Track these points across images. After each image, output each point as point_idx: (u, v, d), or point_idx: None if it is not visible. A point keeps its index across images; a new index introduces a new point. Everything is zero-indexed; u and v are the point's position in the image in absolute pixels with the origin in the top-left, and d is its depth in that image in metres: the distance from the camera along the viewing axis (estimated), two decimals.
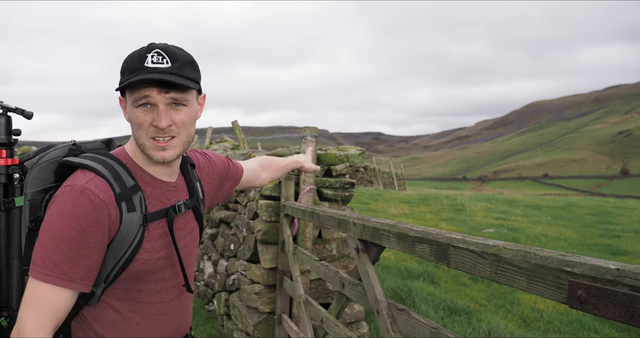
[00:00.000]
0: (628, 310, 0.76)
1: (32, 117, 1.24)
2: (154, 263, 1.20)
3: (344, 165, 3.60)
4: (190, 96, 1.16)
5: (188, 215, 1.32)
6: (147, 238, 1.18)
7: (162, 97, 1.11)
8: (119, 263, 1.14)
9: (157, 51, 1.11)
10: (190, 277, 1.34)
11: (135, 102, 1.12)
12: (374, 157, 33.37)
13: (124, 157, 1.21)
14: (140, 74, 1.08)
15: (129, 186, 1.14)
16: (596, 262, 0.85)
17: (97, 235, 1.09)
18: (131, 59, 1.11)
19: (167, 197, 1.24)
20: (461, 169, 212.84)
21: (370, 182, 22.83)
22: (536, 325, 4.50)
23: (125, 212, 1.13)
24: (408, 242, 1.44)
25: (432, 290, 5.14)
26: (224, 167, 1.56)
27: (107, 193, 1.10)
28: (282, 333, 3.28)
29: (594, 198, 22.14)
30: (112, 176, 1.13)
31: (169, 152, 1.15)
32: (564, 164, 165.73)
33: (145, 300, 1.22)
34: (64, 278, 1.06)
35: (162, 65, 1.09)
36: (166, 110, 1.12)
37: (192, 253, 1.35)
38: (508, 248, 1.06)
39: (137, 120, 1.13)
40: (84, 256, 1.08)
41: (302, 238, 3.19)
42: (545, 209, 13.59)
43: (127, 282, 1.19)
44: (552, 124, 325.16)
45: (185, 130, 1.17)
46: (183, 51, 1.16)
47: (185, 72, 1.13)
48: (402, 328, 1.56)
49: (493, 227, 9.65)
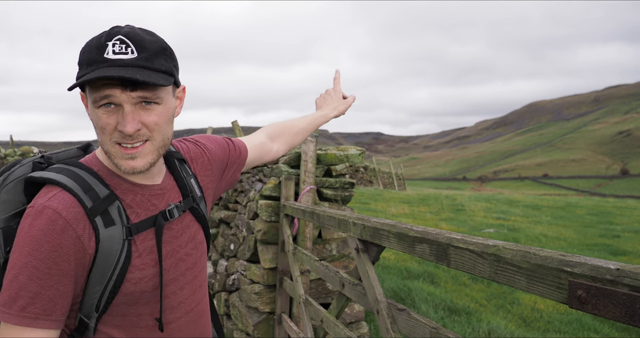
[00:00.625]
0: (628, 310, 0.76)
1: None
2: (148, 281, 1.02)
3: (344, 165, 3.60)
4: (163, 92, 0.96)
5: (186, 218, 1.13)
6: (136, 254, 1.00)
7: (128, 96, 0.91)
8: (107, 287, 0.97)
9: (120, 38, 0.90)
10: (195, 292, 1.16)
11: (96, 102, 0.92)
12: (374, 157, 33.38)
13: (95, 163, 1.03)
14: (97, 69, 0.88)
15: (103, 197, 0.97)
16: (596, 262, 0.85)
17: (60, 261, 0.91)
18: (89, 48, 0.91)
19: (152, 203, 1.05)
20: (461, 169, 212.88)
21: (370, 182, 22.84)
22: (536, 325, 4.50)
23: (102, 228, 0.95)
24: (408, 242, 1.44)
25: (432, 290, 5.14)
26: (222, 151, 1.31)
27: (73, 209, 0.93)
28: (282, 333, 3.28)
29: (593, 198, 22.15)
30: (82, 188, 0.95)
31: (139, 161, 0.96)
32: (564, 164, 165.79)
33: (149, 323, 1.05)
34: (26, 316, 0.88)
35: (125, 57, 0.89)
36: (133, 112, 0.92)
37: (197, 263, 1.16)
38: (508, 248, 1.06)
39: (98, 122, 0.93)
40: (46, 287, 0.90)
41: (302, 238, 3.19)
42: (545, 209, 13.59)
43: (123, 307, 1.01)
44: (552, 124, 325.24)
45: (159, 132, 0.97)
46: (154, 36, 0.96)
47: (155, 63, 0.92)
48: (402, 328, 1.56)
49: (493, 227, 9.65)
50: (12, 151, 14.38)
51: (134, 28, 0.94)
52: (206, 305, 1.22)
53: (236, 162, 1.35)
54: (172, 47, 0.99)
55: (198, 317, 1.17)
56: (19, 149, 14.84)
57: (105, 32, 0.92)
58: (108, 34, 0.92)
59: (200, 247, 1.18)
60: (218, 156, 1.30)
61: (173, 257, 1.08)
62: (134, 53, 0.90)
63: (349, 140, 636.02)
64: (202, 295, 1.19)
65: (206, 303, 1.22)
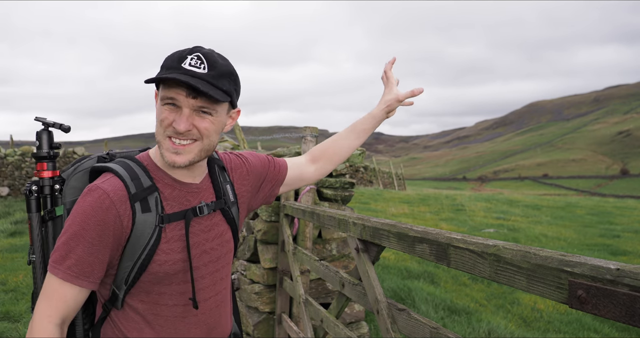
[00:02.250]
0: (628, 310, 0.76)
1: (69, 131, 1.31)
2: (172, 265, 1.17)
3: (344, 165, 3.60)
4: (219, 107, 1.13)
5: (215, 217, 1.27)
6: (164, 240, 1.15)
7: (189, 102, 1.08)
8: (136, 264, 1.13)
9: (198, 55, 1.08)
10: (215, 283, 1.28)
11: (163, 100, 1.10)
12: (374, 157, 33.39)
13: (145, 159, 1.21)
14: (173, 73, 1.06)
15: (146, 187, 1.13)
16: (596, 262, 0.85)
17: (102, 233, 1.08)
18: (172, 57, 1.10)
19: (187, 199, 1.21)
20: (461, 168, 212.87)
21: (370, 182, 22.84)
22: (536, 325, 4.50)
23: (139, 213, 1.11)
24: (408, 242, 1.44)
25: (432, 290, 5.15)
26: (262, 166, 1.46)
27: (120, 193, 1.10)
28: (282, 333, 3.28)
29: (593, 198, 22.16)
30: (130, 177, 1.13)
31: (181, 157, 1.11)
32: (564, 164, 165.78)
33: (168, 302, 1.19)
34: (69, 274, 1.08)
35: (197, 70, 1.06)
36: (189, 115, 1.09)
37: (221, 258, 1.29)
38: (508, 248, 1.06)
39: (160, 116, 1.11)
40: (89, 254, 1.08)
41: (302, 238, 3.19)
42: (545, 209, 13.60)
43: (148, 285, 1.17)
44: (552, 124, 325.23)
45: (207, 137, 1.13)
46: (226, 61, 1.13)
47: (219, 82, 1.09)
48: (402, 328, 1.56)
49: (493, 227, 9.65)
50: (12, 151, 14.37)
51: (213, 51, 1.13)
52: (225, 297, 1.33)
53: (275, 178, 1.49)
54: (238, 75, 1.16)
55: (215, 306, 1.29)
56: (19, 148, 14.84)
57: (189, 48, 1.11)
58: (191, 49, 1.10)
59: (227, 245, 1.31)
60: (257, 169, 1.45)
61: (198, 248, 1.22)
62: (205, 69, 1.08)
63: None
64: (221, 288, 1.31)
65: (225, 296, 1.33)
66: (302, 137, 3.28)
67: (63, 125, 1.30)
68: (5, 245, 7.57)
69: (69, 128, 1.30)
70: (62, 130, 1.31)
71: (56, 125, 1.30)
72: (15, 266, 6.15)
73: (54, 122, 1.30)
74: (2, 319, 4.29)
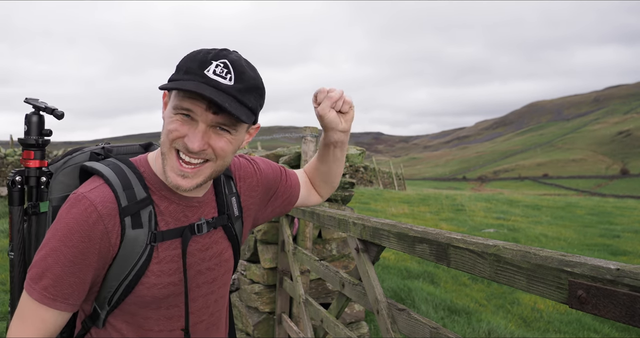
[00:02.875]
0: (628, 310, 0.76)
1: (63, 117, 1.16)
2: (162, 288, 1.03)
3: (344, 165, 3.60)
4: (240, 126, 0.98)
5: (216, 234, 1.13)
6: (156, 260, 1.01)
7: (207, 117, 0.93)
8: (122, 285, 1.00)
9: (225, 62, 0.92)
10: (208, 306, 1.15)
11: (176, 109, 0.94)
12: (374, 157, 33.38)
13: (142, 164, 1.05)
14: (194, 81, 0.91)
15: (139, 199, 0.99)
16: (596, 262, 0.85)
17: (86, 251, 0.95)
18: (193, 59, 0.94)
19: (185, 215, 1.06)
20: (461, 169, 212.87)
21: (370, 182, 22.84)
22: (536, 325, 4.50)
23: (128, 228, 0.97)
24: (408, 242, 1.44)
25: (432, 290, 5.15)
26: (274, 178, 1.29)
27: (109, 205, 0.96)
28: (282, 333, 3.27)
29: (593, 198, 22.16)
30: (122, 186, 0.99)
31: (188, 181, 0.97)
32: (564, 164, 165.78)
33: (154, 328, 1.06)
34: (46, 295, 0.95)
35: (223, 81, 0.91)
36: (205, 132, 0.94)
37: (218, 279, 1.15)
38: (508, 248, 1.06)
39: (169, 125, 0.95)
40: (69, 274, 0.94)
41: (302, 238, 3.19)
42: (545, 209, 13.60)
43: (134, 307, 1.04)
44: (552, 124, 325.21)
45: (222, 158, 0.99)
46: (255, 72, 0.98)
47: (246, 98, 0.94)
48: (402, 328, 1.56)
49: (493, 227, 9.65)
50: (12, 151, 14.36)
51: (241, 58, 0.96)
52: (218, 319, 1.20)
53: (287, 193, 1.32)
54: (265, 88, 1.01)
55: (205, 328, 1.16)
56: (19, 148, 14.83)
57: (215, 50, 0.95)
58: (216, 54, 0.93)
59: (225, 265, 1.17)
60: (269, 181, 1.28)
61: (193, 269, 1.09)
62: (232, 81, 0.92)
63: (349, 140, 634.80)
64: (215, 310, 1.18)
65: (218, 319, 1.20)
66: (302, 137, 3.28)
67: (56, 110, 1.14)
68: (5, 245, 7.57)
69: (62, 114, 1.15)
70: (54, 116, 1.15)
71: (48, 109, 1.14)
72: None
73: (45, 105, 1.14)
74: (2, 319, 4.29)
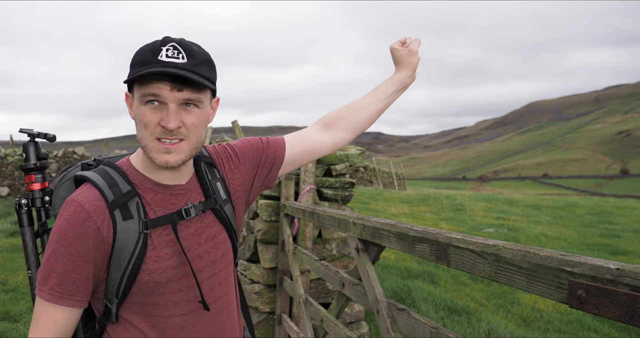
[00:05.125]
0: (628, 310, 0.76)
1: (55, 140, 1.31)
2: (162, 273, 1.10)
3: (344, 164, 3.60)
4: (204, 97, 1.07)
5: (206, 218, 1.20)
6: (151, 247, 1.09)
7: (174, 96, 1.01)
8: (125, 275, 1.07)
9: (173, 45, 1.02)
10: (213, 288, 1.21)
11: (143, 98, 1.02)
12: (374, 156, 33.38)
13: (125, 164, 1.16)
14: (152, 67, 0.99)
15: (124, 192, 1.08)
16: (596, 262, 0.84)
17: (82, 248, 1.03)
18: (144, 51, 1.02)
19: (172, 202, 1.14)
20: (461, 168, 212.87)
21: (370, 182, 22.84)
22: (536, 325, 4.50)
23: (119, 221, 1.05)
24: (408, 242, 1.44)
25: (432, 290, 5.15)
26: (254, 152, 1.33)
27: (95, 203, 1.05)
28: (282, 333, 3.28)
29: (593, 198, 22.16)
30: (107, 184, 1.07)
31: (173, 156, 1.05)
32: (564, 164, 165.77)
33: (163, 313, 1.13)
34: (53, 294, 1.03)
35: (177, 60, 1.00)
36: (177, 110, 1.03)
37: (217, 261, 1.21)
38: (508, 248, 1.06)
39: (143, 118, 1.03)
40: (70, 271, 1.03)
41: (302, 238, 3.19)
42: (545, 209, 13.60)
43: (140, 296, 1.11)
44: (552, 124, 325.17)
45: (195, 133, 1.07)
46: (200, 48, 1.08)
47: (201, 70, 1.03)
48: (402, 328, 1.56)
49: (493, 226, 9.65)
50: (12, 151, 14.37)
51: (184, 39, 1.06)
52: (228, 303, 1.26)
53: (271, 161, 1.34)
54: (214, 62, 1.11)
55: (216, 312, 1.21)
56: (19, 148, 14.84)
57: (159, 39, 1.04)
58: (162, 41, 1.03)
59: (222, 247, 1.23)
60: (249, 157, 1.32)
61: (190, 253, 1.15)
62: (184, 59, 1.02)
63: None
64: (221, 293, 1.23)
65: (227, 302, 1.26)
66: None
67: (48, 135, 1.29)
68: (5, 245, 7.57)
69: (54, 137, 1.30)
70: (47, 140, 1.30)
71: (41, 135, 1.29)
72: (15, 266, 6.15)
73: (38, 132, 1.29)
74: (2, 319, 4.29)
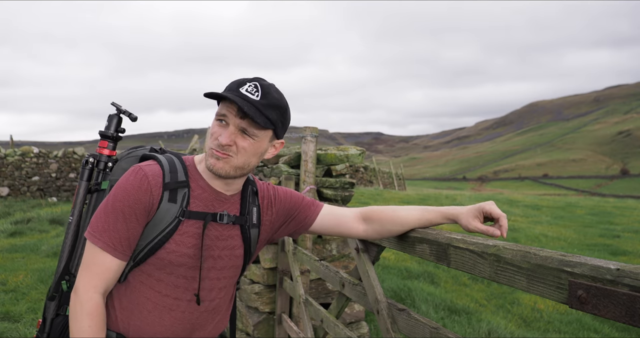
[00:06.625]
0: (628, 310, 0.76)
1: (136, 120, 1.48)
2: (179, 256, 1.25)
3: (344, 165, 3.60)
4: (262, 133, 1.22)
5: (232, 231, 1.34)
6: (180, 232, 1.24)
7: (235, 121, 1.19)
8: (148, 245, 1.23)
9: (255, 84, 1.20)
10: (212, 289, 1.33)
11: (217, 115, 1.22)
12: (374, 157, 33.38)
13: (189, 160, 1.33)
14: (229, 93, 1.18)
15: (179, 180, 1.25)
16: (596, 262, 0.84)
17: (137, 210, 1.20)
18: (235, 82, 1.23)
19: (213, 204, 1.29)
20: (461, 168, 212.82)
21: (370, 182, 22.83)
22: (536, 325, 4.51)
23: (165, 201, 1.23)
24: (408, 242, 1.44)
25: (432, 290, 5.14)
26: (291, 204, 1.46)
27: (157, 178, 1.23)
28: (282, 333, 3.28)
29: (593, 198, 22.15)
30: (169, 169, 1.26)
31: (219, 163, 1.21)
32: (564, 164, 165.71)
33: (162, 290, 1.27)
34: (110, 246, 1.19)
35: (251, 96, 1.18)
36: (233, 132, 1.20)
37: (226, 269, 1.34)
38: (508, 248, 1.06)
39: (212, 129, 1.24)
40: (123, 228, 1.20)
41: (302, 238, 3.19)
42: (545, 209, 13.59)
43: (152, 268, 1.26)
44: (552, 124, 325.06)
45: (243, 155, 1.22)
46: (280, 95, 1.24)
47: (267, 111, 1.19)
48: (402, 328, 1.56)
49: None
50: (12, 151, 14.36)
51: (272, 85, 1.24)
52: (219, 307, 1.38)
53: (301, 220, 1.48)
54: (289, 110, 1.27)
55: (205, 309, 1.33)
56: (19, 148, 14.83)
57: (251, 77, 1.24)
58: (252, 79, 1.23)
59: (235, 260, 1.36)
60: (285, 204, 1.47)
61: (206, 252, 1.30)
62: (258, 97, 1.19)
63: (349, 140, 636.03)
64: (218, 296, 1.36)
65: (220, 306, 1.38)
66: (302, 137, 3.28)
67: (132, 115, 1.47)
68: (5, 245, 7.57)
69: (136, 118, 1.47)
70: (130, 119, 1.48)
71: (126, 113, 1.47)
72: (15, 266, 6.15)
73: (125, 109, 1.47)
74: (2, 319, 4.29)
